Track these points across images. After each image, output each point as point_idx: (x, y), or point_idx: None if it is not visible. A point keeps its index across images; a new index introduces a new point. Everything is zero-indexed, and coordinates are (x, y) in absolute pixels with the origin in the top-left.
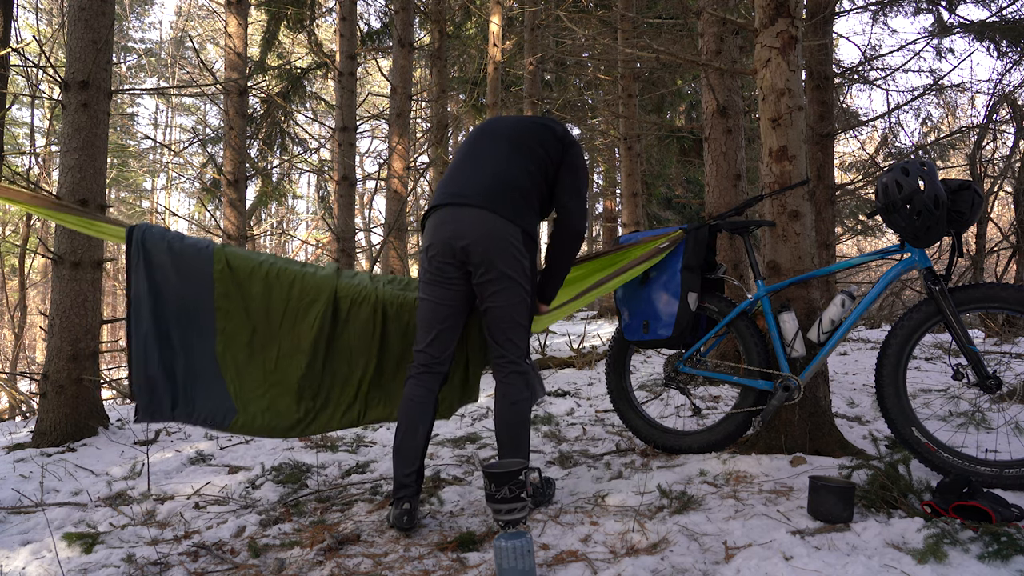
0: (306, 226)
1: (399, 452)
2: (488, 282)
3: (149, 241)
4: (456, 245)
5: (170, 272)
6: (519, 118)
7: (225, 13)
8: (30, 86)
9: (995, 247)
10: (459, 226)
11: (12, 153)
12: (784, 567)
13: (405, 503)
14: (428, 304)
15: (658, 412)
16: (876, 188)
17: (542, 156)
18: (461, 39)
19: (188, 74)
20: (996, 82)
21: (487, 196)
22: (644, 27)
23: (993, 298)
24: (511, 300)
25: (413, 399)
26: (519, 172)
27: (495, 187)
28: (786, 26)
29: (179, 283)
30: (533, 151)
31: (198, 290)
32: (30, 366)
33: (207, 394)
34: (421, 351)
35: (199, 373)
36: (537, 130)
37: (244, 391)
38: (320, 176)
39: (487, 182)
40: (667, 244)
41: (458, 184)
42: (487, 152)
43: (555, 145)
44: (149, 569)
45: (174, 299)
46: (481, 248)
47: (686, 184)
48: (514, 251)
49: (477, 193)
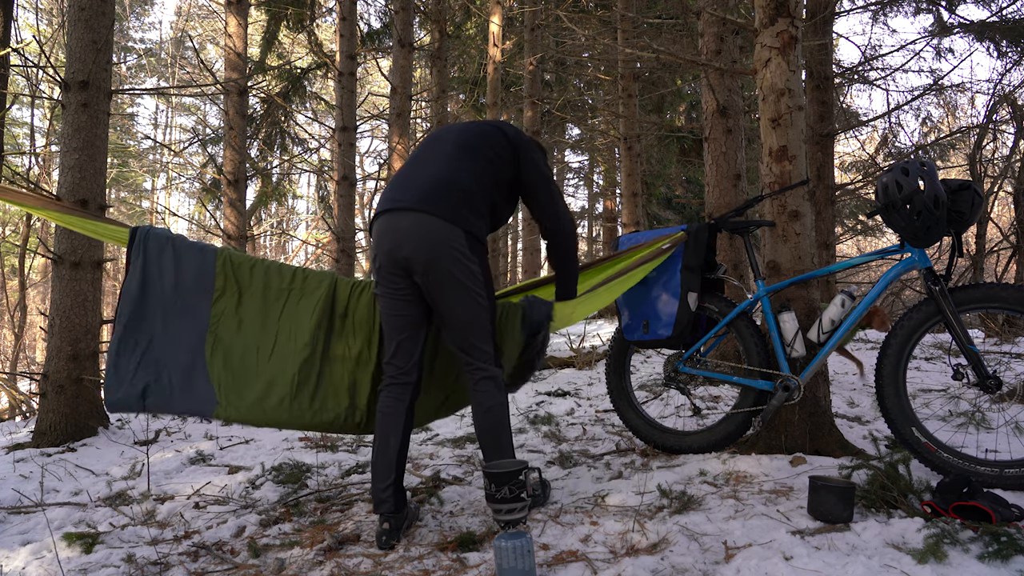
0: (306, 226)
1: (374, 466)
2: (436, 291)
3: (152, 240)
4: (398, 256)
5: (169, 266)
6: (469, 122)
7: (225, 13)
8: (30, 86)
9: (995, 247)
10: (397, 235)
11: (12, 153)
12: (784, 567)
13: (384, 522)
14: (385, 316)
15: (658, 412)
16: (876, 188)
17: (491, 157)
18: (461, 39)
19: (188, 74)
20: (996, 82)
21: (424, 199)
22: (644, 27)
23: (993, 298)
24: (464, 306)
25: (383, 411)
26: (462, 173)
27: (434, 189)
28: (786, 26)
29: (177, 276)
30: (480, 153)
31: (197, 282)
32: (30, 366)
33: (189, 386)
34: (388, 363)
35: (182, 365)
36: (486, 132)
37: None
38: (320, 176)
39: (425, 184)
40: (669, 245)
41: (397, 189)
42: (430, 156)
43: (506, 147)
44: (149, 569)
45: (168, 291)
46: (423, 256)
47: (686, 184)
48: (457, 255)
49: (414, 197)
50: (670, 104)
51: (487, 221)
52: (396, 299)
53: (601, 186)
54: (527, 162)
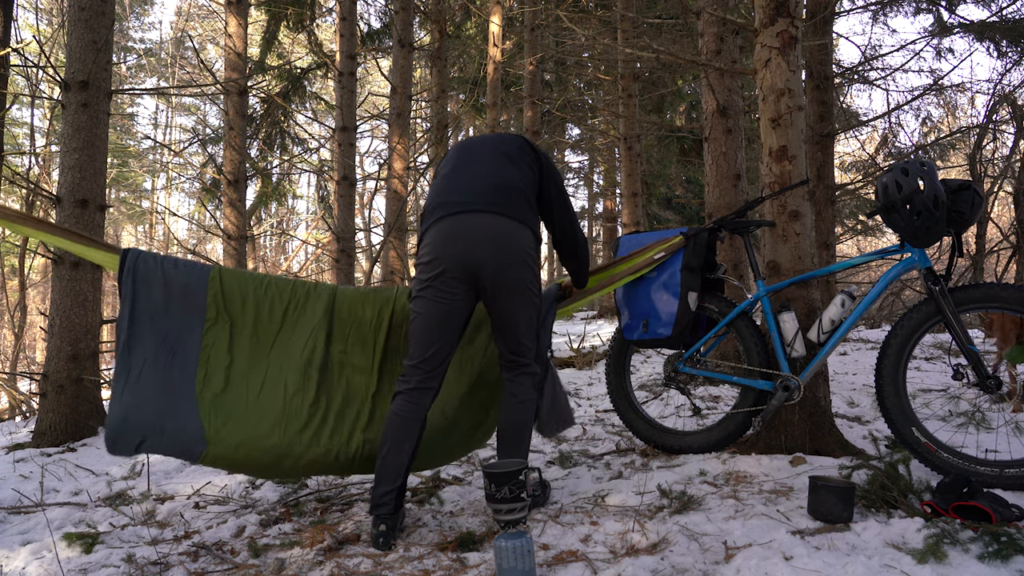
0: (306, 226)
1: (381, 469)
2: (503, 294)
3: (142, 265)
4: (469, 259)
5: (159, 297)
6: (501, 133)
7: (225, 13)
8: (30, 86)
9: (995, 247)
10: (471, 237)
11: (12, 153)
12: (784, 567)
13: (381, 524)
14: (427, 319)
15: (658, 412)
16: (876, 188)
17: (528, 165)
18: (461, 39)
19: (188, 74)
20: (996, 82)
21: (493, 200)
22: (644, 27)
23: (993, 298)
24: (525, 308)
25: (401, 415)
26: (514, 176)
27: (498, 191)
28: (786, 26)
29: (167, 308)
30: (521, 160)
31: (188, 315)
32: (30, 366)
33: (180, 426)
34: (416, 366)
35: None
36: (519, 143)
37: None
38: (320, 176)
39: (489, 185)
40: (662, 255)
41: (457, 192)
42: (477, 162)
43: (531, 154)
44: (149, 569)
45: (160, 326)
46: (497, 260)
47: (686, 184)
48: (526, 256)
49: (482, 199)
50: (670, 104)
51: (538, 217)
52: (447, 304)
53: (601, 186)
54: (551, 178)
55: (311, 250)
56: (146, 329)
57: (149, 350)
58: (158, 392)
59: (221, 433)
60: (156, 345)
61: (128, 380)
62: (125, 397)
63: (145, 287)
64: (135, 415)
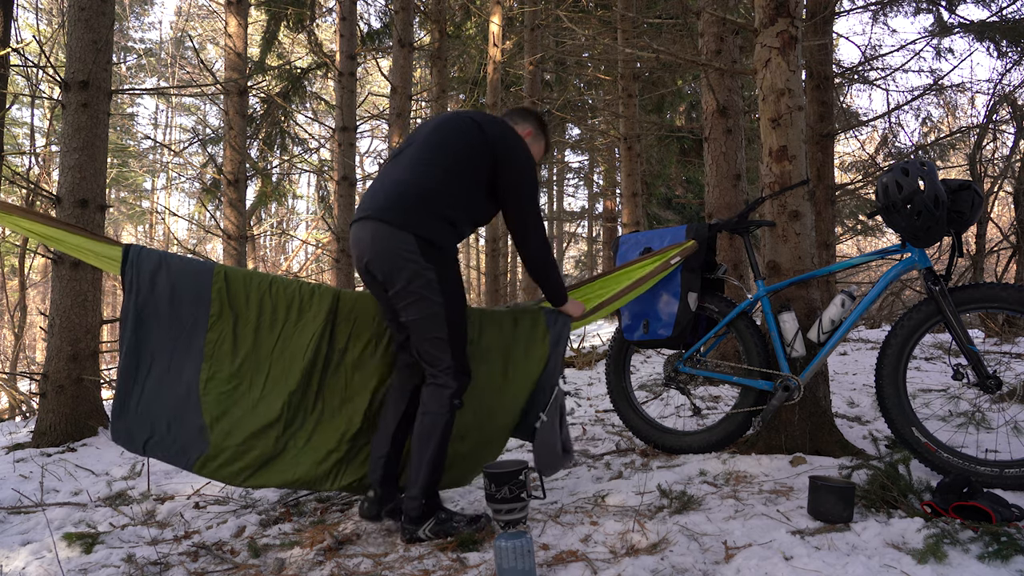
0: (306, 226)
1: (374, 439)
2: (395, 297)
3: (145, 260)
4: (362, 266)
5: (163, 290)
6: (448, 114)
7: (225, 13)
8: (30, 86)
9: (995, 247)
10: (360, 244)
11: (12, 153)
12: (784, 567)
13: (369, 490)
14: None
15: (658, 412)
16: (876, 188)
17: (461, 148)
18: (461, 39)
19: (188, 74)
20: (996, 82)
21: (379, 205)
22: (644, 27)
23: (993, 298)
24: (420, 314)
25: (392, 387)
26: (425, 172)
27: (390, 194)
28: (786, 26)
29: (172, 301)
30: (449, 146)
31: (192, 311)
32: (30, 366)
33: (183, 422)
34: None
35: (181, 404)
36: (460, 126)
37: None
38: (320, 176)
39: (383, 189)
40: (678, 259)
41: (366, 198)
42: (399, 156)
43: (481, 144)
44: (149, 569)
45: (165, 319)
46: (377, 265)
47: (686, 184)
48: (407, 262)
49: (371, 204)
50: (670, 104)
51: (452, 222)
52: (385, 304)
53: (601, 186)
54: (505, 171)
55: (311, 250)
56: (151, 322)
57: (155, 344)
58: (164, 387)
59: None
60: (161, 339)
61: (136, 375)
62: (133, 391)
63: (149, 280)
64: (143, 408)
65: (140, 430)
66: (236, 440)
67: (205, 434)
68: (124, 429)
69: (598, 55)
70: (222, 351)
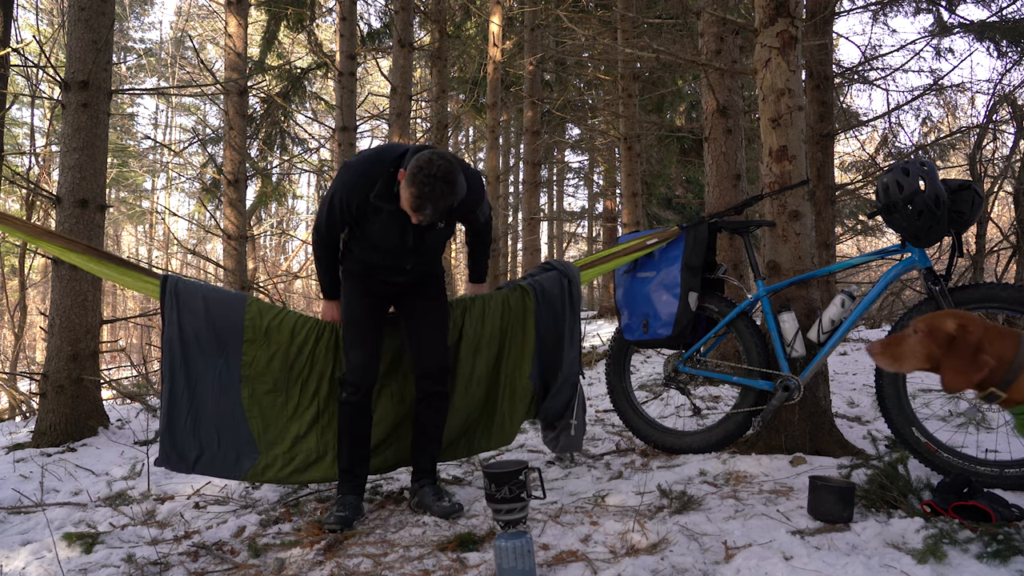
0: (306, 226)
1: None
2: None
3: (183, 289)
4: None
5: (202, 319)
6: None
7: (225, 13)
8: (30, 86)
9: (995, 247)
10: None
11: (12, 153)
12: (784, 567)
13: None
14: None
15: (658, 412)
16: (876, 188)
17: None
18: (461, 39)
19: (188, 74)
20: (996, 82)
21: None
22: (644, 27)
23: (993, 298)
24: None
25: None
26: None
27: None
28: (786, 26)
29: (210, 328)
30: None
31: (228, 336)
32: (30, 366)
33: (233, 441)
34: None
35: (228, 421)
36: None
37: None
38: (320, 176)
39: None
40: (656, 240)
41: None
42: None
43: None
44: (149, 569)
45: (205, 348)
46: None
47: (686, 184)
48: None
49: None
50: (670, 104)
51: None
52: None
53: (601, 186)
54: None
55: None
56: (193, 349)
57: (197, 369)
58: (210, 408)
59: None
60: (202, 364)
61: (183, 399)
62: (180, 414)
63: (189, 309)
64: (192, 429)
65: (190, 449)
66: (283, 448)
67: (255, 445)
68: (174, 451)
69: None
70: (258, 370)
